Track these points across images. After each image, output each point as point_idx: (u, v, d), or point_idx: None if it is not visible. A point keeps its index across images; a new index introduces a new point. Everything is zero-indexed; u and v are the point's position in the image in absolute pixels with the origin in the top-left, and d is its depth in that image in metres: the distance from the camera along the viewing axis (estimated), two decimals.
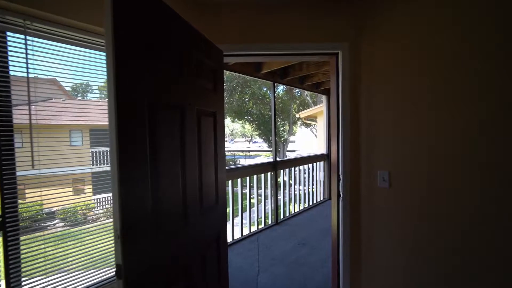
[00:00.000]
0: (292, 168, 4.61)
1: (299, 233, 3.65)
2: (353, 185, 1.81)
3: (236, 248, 3.21)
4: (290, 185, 4.51)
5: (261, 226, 3.91)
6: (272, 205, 4.08)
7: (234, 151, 38.71)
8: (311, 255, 3.02)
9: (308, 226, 3.95)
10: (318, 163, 5.24)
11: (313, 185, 5.13)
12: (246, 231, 3.64)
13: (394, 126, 1.63)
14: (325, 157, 5.41)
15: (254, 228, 3.77)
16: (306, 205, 4.95)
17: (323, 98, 5.51)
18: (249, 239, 3.48)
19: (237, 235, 3.50)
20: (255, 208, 3.85)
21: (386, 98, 1.66)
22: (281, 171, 4.32)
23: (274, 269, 2.72)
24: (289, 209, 4.44)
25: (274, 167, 4.04)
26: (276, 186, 4.06)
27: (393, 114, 1.64)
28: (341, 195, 1.83)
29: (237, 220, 3.51)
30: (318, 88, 5.07)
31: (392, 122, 1.64)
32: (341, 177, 1.83)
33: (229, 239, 3.37)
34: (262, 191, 3.94)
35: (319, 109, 8.93)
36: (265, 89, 19.00)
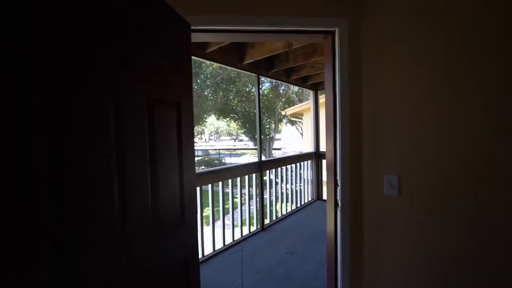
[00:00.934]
0: (279, 168, 4.28)
1: (287, 240, 3.33)
2: (354, 193, 1.50)
3: (216, 262, 2.84)
4: (276, 183, 4.19)
5: (246, 233, 3.56)
6: (258, 208, 3.74)
7: (219, 149, 38.26)
8: (301, 266, 2.71)
9: (297, 231, 3.64)
10: (305, 162, 4.96)
11: (300, 184, 4.85)
12: (228, 240, 3.27)
13: (406, 118, 1.32)
14: (313, 156, 5.14)
15: (237, 235, 3.41)
16: (294, 207, 4.66)
17: (310, 94, 5.23)
18: (232, 249, 3.12)
19: (219, 245, 3.13)
20: (238, 213, 3.49)
21: (396, 84, 1.35)
22: (267, 171, 3.99)
23: (260, 286, 2.38)
24: (275, 210, 4.12)
25: (259, 167, 3.69)
26: (261, 188, 3.72)
27: (405, 104, 1.33)
28: (340, 205, 1.51)
29: (219, 223, 3.14)
30: (306, 83, 4.76)
31: (403, 113, 1.33)
32: (339, 182, 1.51)
33: (209, 251, 2.99)
34: (246, 194, 3.59)
35: (306, 106, 8.68)
36: (250, 86, 18.63)
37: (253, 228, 3.69)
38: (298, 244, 3.19)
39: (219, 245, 3.15)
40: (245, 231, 3.59)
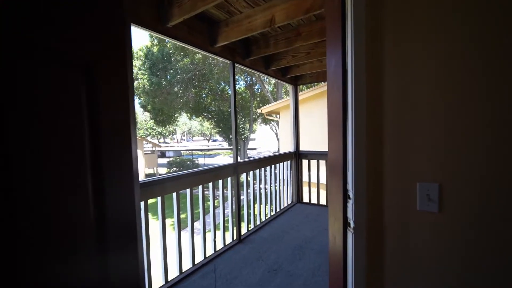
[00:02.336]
0: (257, 170, 3.81)
1: (268, 254, 2.87)
2: (371, 208, 1.06)
3: None
4: (254, 186, 3.71)
5: (220, 246, 3.03)
6: (234, 219, 3.24)
7: (192, 150, 36.98)
8: (287, 286, 2.26)
9: (278, 242, 3.20)
10: (285, 162, 4.56)
11: (278, 185, 4.43)
12: (199, 257, 2.73)
13: (453, 98, 0.91)
14: (292, 156, 4.76)
15: (210, 250, 2.88)
16: (273, 212, 4.23)
17: (290, 89, 4.84)
18: (203, 269, 2.58)
19: (187, 265, 2.57)
20: (211, 223, 2.95)
21: (438, 47, 0.93)
22: (244, 174, 3.49)
23: None
24: (253, 216, 3.65)
25: (235, 170, 3.18)
26: (238, 194, 3.22)
27: (449, 81, 0.91)
28: (352, 225, 1.06)
29: (187, 237, 2.58)
30: (285, 76, 4.35)
31: (448, 89, 0.92)
32: (351, 194, 1.07)
33: (175, 274, 2.42)
34: (220, 202, 3.06)
35: (283, 103, 8.34)
36: (223, 84, 18.01)
37: (228, 239, 3.18)
38: (281, 259, 2.74)
39: (187, 265, 2.59)
40: (219, 244, 3.07)
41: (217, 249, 2.96)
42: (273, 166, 4.20)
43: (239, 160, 3.25)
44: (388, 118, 1.02)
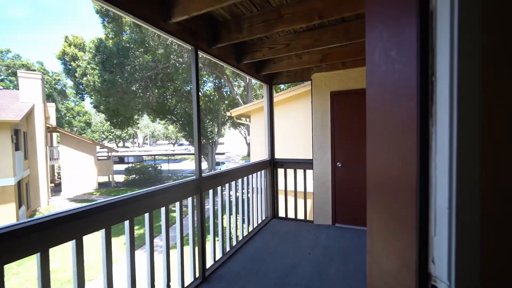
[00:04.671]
0: (227, 185, 3.12)
1: None
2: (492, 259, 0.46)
3: None
4: (222, 200, 3.02)
5: None
6: (198, 250, 2.51)
7: (155, 155, 34.74)
8: None
9: (253, 276, 2.54)
10: (258, 172, 3.94)
11: (248, 197, 3.79)
12: None
13: None
14: (267, 165, 4.17)
15: None
16: (246, 232, 3.56)
17: (264, 88, 4.26)
18: None
19: None
20: (163, 267, 2.18)
21: None
22: (210, 191, 2.78)
23: None
24: (222, 238, 2.94)
25: (197, 187, 2.46)
26: (202, 220, 2.50)
27: None
28: None
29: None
30: (260, 73, 3.76)
31: None
32: (435, 230, 0.45)
33: None
34: (177, 229, 2.32)
35: (255, 106, 7.76)
36: (190, 86, 16.92)
37: (189, 278, 2.43)
38: None
39: None
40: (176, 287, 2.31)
41: None
42: (245, 178, 3.54)
43: (203, 174, 2.54)
44: None
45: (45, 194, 14.66)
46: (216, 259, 2.84)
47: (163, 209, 2.12)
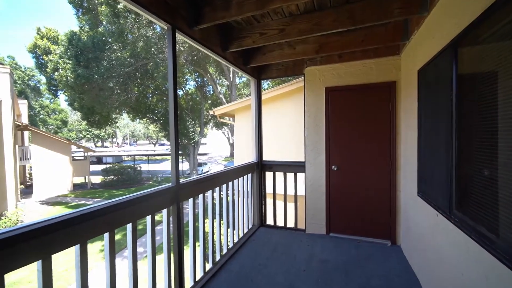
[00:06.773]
0: (209, 192, 2.69)
1: None
2: None
3: None
4: (203, 210, 2.58)
5: None
6: (174, 271, 2.06)
7: (134, 155, 33.29)
8: None
9: None
10: (245, 176, 3.53)
11: (233, 202, 3.38)
12: None
13: None
14: (254, 167, 3.77)
15: None
16: (231, 244, 3.13)
17: (251, 84, 3.87)
18: None
19: None
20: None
21: None
22: (190, 200, 2.34)
23: None
24: (203, 251, 2.50)
25: (174, 196, 2.02)
26: (180, 234, 2.05)
27: None
28: None
29: None
30: (248, 65, 3.35)
31: None
32: None
33: None
34: (149, 250, 1.86)
35: (239, 104, 7.33)
36: None
37: None
38: None
39: None
40: None
41: None
42: (230, 183, 3.12)
43: (181, 181, 2.10)
44: None
45: (13, 196, 13.37)
46: (197, 279, 2.41)
47: (129, 226, 1.66)
